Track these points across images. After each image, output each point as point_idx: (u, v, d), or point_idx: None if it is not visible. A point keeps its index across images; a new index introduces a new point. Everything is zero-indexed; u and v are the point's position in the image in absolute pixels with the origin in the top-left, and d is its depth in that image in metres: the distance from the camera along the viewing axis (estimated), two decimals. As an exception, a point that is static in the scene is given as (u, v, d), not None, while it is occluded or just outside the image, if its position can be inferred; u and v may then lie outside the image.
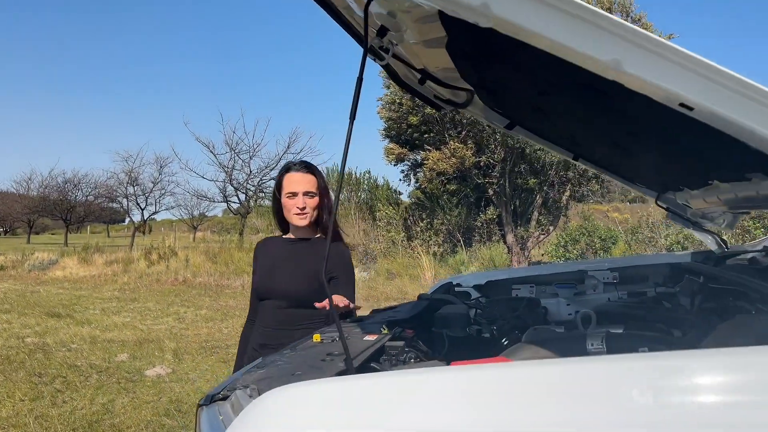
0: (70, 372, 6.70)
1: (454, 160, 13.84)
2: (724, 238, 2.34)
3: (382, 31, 1.67)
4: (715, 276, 2.04)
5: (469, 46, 1.66)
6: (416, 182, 16.34)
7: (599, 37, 0.97)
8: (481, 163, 14.18)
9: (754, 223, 10.91)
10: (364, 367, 1.56)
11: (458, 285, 2.67)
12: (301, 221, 2.57)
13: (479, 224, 14.96)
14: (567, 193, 14.87)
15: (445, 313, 2.06)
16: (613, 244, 12.39)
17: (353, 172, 18.14)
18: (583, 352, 1.48)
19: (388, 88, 15.23)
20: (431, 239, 15.38)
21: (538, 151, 13.92)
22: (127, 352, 7.61)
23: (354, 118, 1.33)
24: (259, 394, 1.35)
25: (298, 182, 2.57)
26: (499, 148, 13.89)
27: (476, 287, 2.66)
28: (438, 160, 14.07)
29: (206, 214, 39.97)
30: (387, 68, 2.35)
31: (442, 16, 1.36)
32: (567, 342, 1.56)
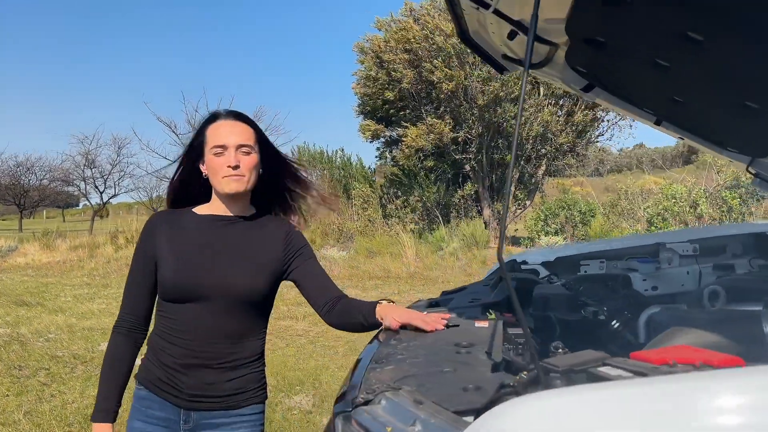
0: (53, 363, 6.33)
1: (432, 136, 13.65)
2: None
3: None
4: None
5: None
6: (392, 159, 16.11)
7: None
8: (459, 139, 14.03)
9: (731, 194, 11.08)
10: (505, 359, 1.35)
11: (524, 262, 2.48)
12: (233, 185, 1.84)
13: (457, 200, 14.86)
14: (543, 168, 14.87)
15: (547, 294, 1.86)
16: (592, 217, 12.44)
17: (325, 151, 17.79)
18: (760, 334, 1.31)
19: (362, 63, 14.89)
20: (407, 216, 15.23)
21: (514, 126, 13.82)
22: (110, 340, 7.25)
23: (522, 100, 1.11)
24: (410, 395, 1.13)
25: (229, 133, 1.86)
26: (476, 123, 13.75)
27: (544, 264, 2.48)
28: (416, 136, 13.85)
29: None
30: (460, 23, 2.13)
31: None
32: (738, 324, 1.38)
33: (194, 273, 1.80)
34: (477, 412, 1.03)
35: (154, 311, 1.95)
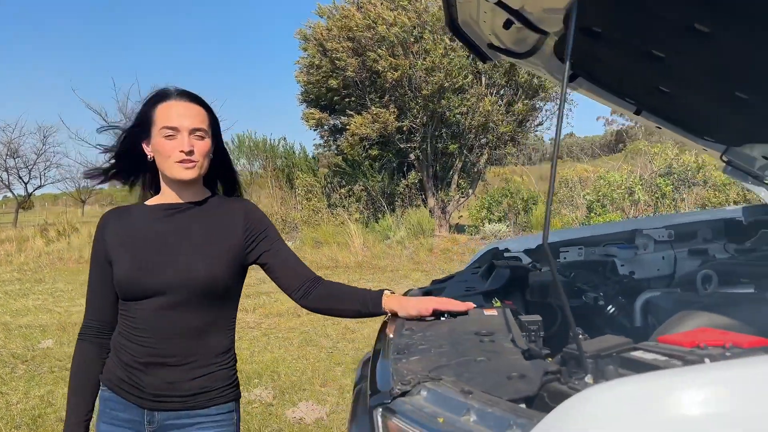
0: (-9, 364, 6.00)
1: (377, 124, 13.64)
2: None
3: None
4: None
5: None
6: (336, 148, 16.01)
7: None
8: (404, 128, 14.08)
9: (664, 181, 11.59)
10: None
11: (506, 250, 2.52)
12: (186, 172, 1.72)
13: (401, 189, 14.94)
14: (485, 157, 15.13)
15: (545, 281, 1.89)
16: (534, 204, 12.77)
17: (268, 139, 17.50)
18: (768, 316, 1.38)
19: (306, 50, 14.69)
20: (352, 206, 15.21)
21: (458, 115, 14.00)
22: (50, 338, 6.92)
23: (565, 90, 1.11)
24: (455, 385, 1.13)
25: (182, 115, 1.71)
26: (421, 112, 13.83)
27: (526, 251, 2.52)
28: (360, 124, 13.80)
29: (95, 186, 37.27)
30: (450, 11, 2.13)
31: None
32: (746, 306, 1.45)
33: (149, 268, 1.71)
34: (527, 401, 1.04)
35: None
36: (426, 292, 2.07)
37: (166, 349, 1.73)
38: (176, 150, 1.70)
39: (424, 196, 15.06)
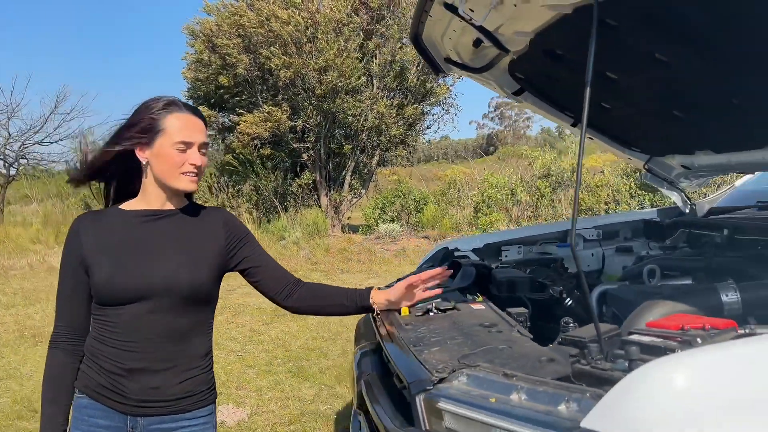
0: None
1: (269, 123, 13.50)
2: (688, 196, 2.71)
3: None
4: (708, 226, 2.40)
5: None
6: (226, 146, 15.63)
7: None
8: (297, 128, 14.05)
9: (543, 183, 12.50)
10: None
11: (456, 249, 2.70)
12: (192, 185, 1.78)
13: (295, 189, 14.89)
14: (376, 159, 15.45)
15: (511, 278, 2.09)
16: (425, 205, 13.26)
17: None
18: (719, 304, 1.64)
19: (193, 47, 14.22)
20: (242, 206, 14.94)
21: (351, 117, 14.19)
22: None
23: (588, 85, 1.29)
24: (494, 370, 1.27)
25: (196, 131, 1.77)
26: (314, 112, 13.87)
27: (475, 250, 2.72)
28: (252, 123, 13.59)
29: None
30: (418, 26, 2.27)
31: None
32: (701, 295, 1.70)
33: (130, 273, 1.72)
34: (563, 379, 1.20)
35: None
36: None
37: (150, 354, 1.73)
38: (187, 163, 1.74)
39: (317, 196, 15.11)
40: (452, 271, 1.84)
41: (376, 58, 14.09)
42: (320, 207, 14.71)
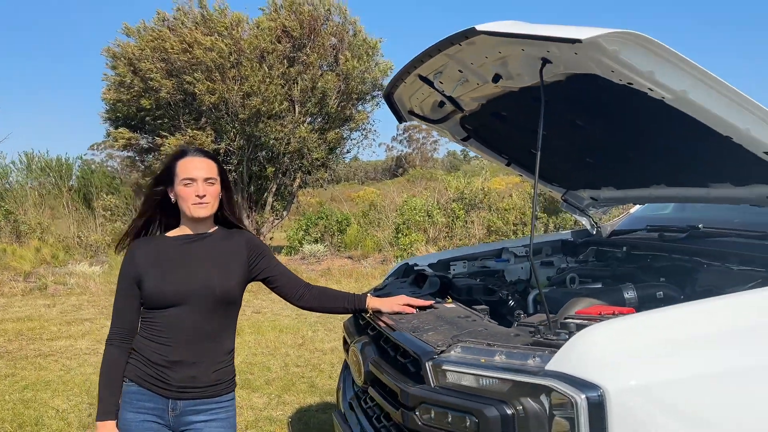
0: None
1: (193, 146, 13.64)
2: (595, 221, 3.46)
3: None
4: (612, 245, 3.16)
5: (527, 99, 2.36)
6: (147, 168, 15.54)
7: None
8: (221, 150, 14.27)
9: (458, 205, 13.42)
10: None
11: (415, 264, 3.30)
12: (201, 211, 2.23)
13: (217, 211, 15.02)
14: (298, 181, 15.90)
15: (468, 285, 2.72)
16: (348, 225, 13.84)
17: (63, 159, 16.29)
18: (622, 299, 2.32)
19: (115, 68, 14.15)
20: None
21: (274, 140, 14.60)
22: None
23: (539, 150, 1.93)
24: (478, 342, 1.86)
25: (197, 167, 2.23)
26: (237, 136, 14.17)
27: (430, 265, 3.32)
28: (174, 146, 13.69)
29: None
30: (392, 89, 2.87)
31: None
32: (607, 292, 2.38)
33: (175, 282, 2.19)
34: (532, 348, 1.80)
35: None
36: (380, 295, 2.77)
37: (188, 349, 2.20)
38: (193, 194, 2.21)
39: (238, 218, 15.30)
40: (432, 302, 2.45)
41: (297, 84, 14.60)
42: (243, 228, 14.88)
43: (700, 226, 2.79)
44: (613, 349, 1.62)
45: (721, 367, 1.58)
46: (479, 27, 1.89)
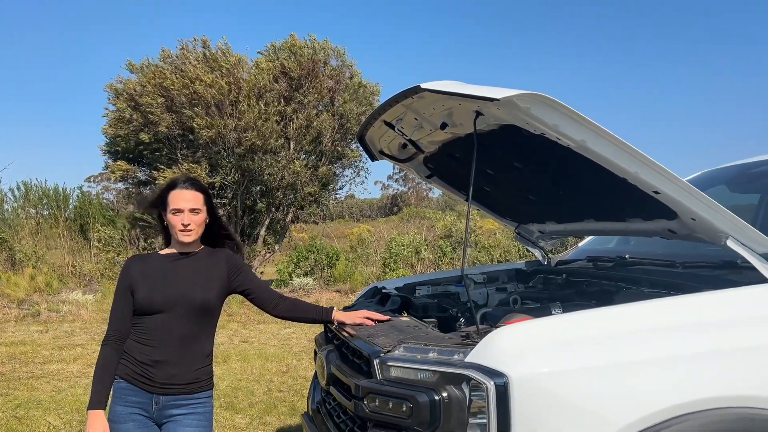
0: None
1: (189, 180, 14.06)
2: (546, 252, 3.88)
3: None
4: (556, 273, 3.56)
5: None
6: (141, 200, 15.91)
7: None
8: (216, 184, 14.71)
9: (445, 243, 13.84)
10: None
11: (384, 287, 3.68)
12: (186, 238, 2.61)
13: (210, 243, 15.35)
14: (290, 215, 16.31)
15: (424, 303, 3.11)
16: (337, 260, 14.20)
17: (60, 188, 16.70)
18: (550, 314, 2.70)
19: (116, 104, 14.69)
20: (156, 258, 15.17)
21: (268, 175, 15.06)
22: None
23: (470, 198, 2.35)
24: (418, 343, 2.25)
25: (184, 199, 2.59)
26: (233, 170, 14.63)
27: (397, 289, 3.71)
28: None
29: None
30: (364, 130, 3.31)
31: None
32: (540, 310, 2.76)
33: (161, 291, 2.57)
34: (458, 346, 2.19)
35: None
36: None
37: (170, 350, 2.56)
38: (180, 223, 2.60)
39: (231, 251, 15.63)
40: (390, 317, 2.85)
41: (293, 122, 15.14)
42: (235, 261, 15.20)
43: (626, 256, 3.20)
44: (518, 346, 2.02)
45: (601, 362, 1.98)
46: (423, 85, 2.33)
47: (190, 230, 2.61)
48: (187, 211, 2.59)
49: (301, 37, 15.61)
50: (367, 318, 2.84)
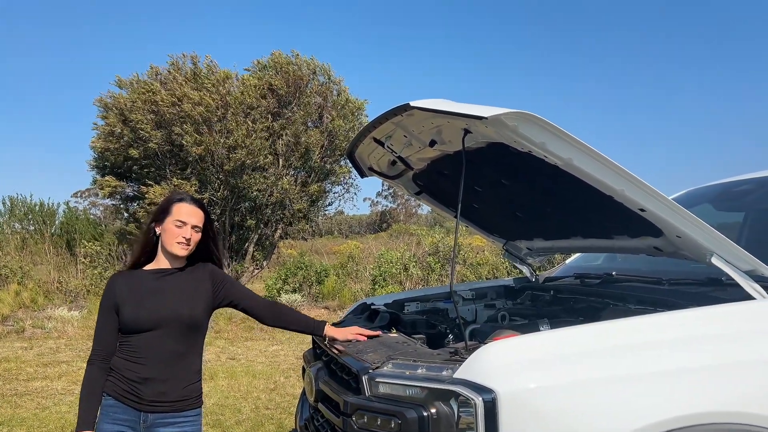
0: None
1: (177, 196, 14.02)
2: (534, 269, 3.91)
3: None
4: (543, 289, 3.57)
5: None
6: (131, 215, 15.85)
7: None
8: (204, 200, 14.66)
9: (434, 259, 13.85)
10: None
11: (372, 303, 3.69)
12: (182, 251, 2.60)
13: (197, 259, 15.27)
14: (279, 232, 16.27)
15: (413, 319, 3.12)
16: (326, 276, 14.16)
17: (46, 203, 16.58)
18: (537, 329, 2.72)
19: (105, 118, 14.66)
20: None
21: (257, 192, 15.04)
22: None
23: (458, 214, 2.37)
24: (406, 359, 2.25)
25: (190, 214, 2.62)
26: (222, 186, 14.60)
27: (385, 305, 3.71)
28: (160, 194, 14.07)
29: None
30: (353, 147, 3.33)
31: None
32: (527, 327, 2.78)
33: (148, 309, 2.53)
34: (447, 362, 2.19)
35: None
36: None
37: (158, 368, 2.52)
38: (181, 235, 2.60)
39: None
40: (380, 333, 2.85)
41: (281, 139, 15.16)
42: (223, 277, 15.12)
43: (613, 273, 3.24)
44: (506, 362, 2.03)
45: (589, 378, 2.00)
46: (413, 103, 2.36)
47: (188, 246, 2.61)
48: (190, 226, 2.60)
49: (286, 53, 15.68)
50: (359, 334, 2.84)
